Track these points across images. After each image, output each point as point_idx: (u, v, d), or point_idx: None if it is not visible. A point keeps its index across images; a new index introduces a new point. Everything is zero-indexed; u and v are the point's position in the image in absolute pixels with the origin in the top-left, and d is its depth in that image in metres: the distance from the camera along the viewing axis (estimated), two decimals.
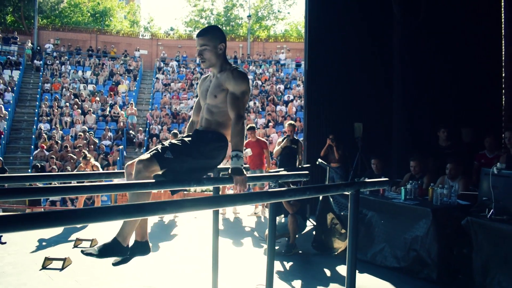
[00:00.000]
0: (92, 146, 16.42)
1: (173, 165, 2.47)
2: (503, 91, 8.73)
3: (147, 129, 18.99)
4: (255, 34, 33.48)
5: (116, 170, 10.78)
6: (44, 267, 4.63)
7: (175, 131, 9.29)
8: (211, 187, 3.76)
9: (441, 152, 6.73)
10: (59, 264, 4.64)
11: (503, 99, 8.73)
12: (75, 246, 5.57)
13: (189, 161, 2.54)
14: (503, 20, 8.53)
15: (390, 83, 7.77)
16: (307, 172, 3.04)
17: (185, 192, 10.05)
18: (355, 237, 2.05)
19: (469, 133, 7.95)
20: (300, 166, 7.11)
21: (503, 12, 8.51)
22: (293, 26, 37.94)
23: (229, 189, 8.53)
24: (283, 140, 7.37)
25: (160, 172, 2.46)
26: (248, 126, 8.48)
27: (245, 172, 2.51)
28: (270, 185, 2.72)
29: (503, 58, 8.68)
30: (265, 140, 8.27)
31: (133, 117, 19.65)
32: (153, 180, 2.37)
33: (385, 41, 7.79)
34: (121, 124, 18.76)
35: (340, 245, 5.23)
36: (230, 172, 2.50)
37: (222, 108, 2.70)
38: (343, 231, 5.24)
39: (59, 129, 17.96)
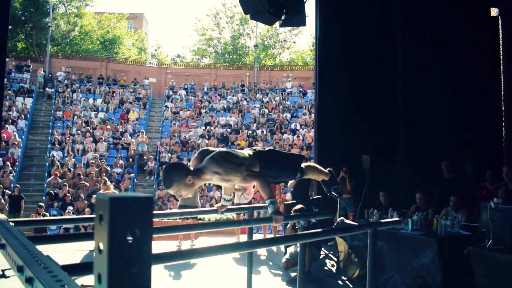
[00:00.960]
0: (104, 174, 16.85)
1: None
2: (503, 124, 9.19)
3: (157, 157, 19.43)
4: (261, 63, 34.26)
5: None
6: None
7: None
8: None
9: (446, 184, 7.12)
10: None
11: (503, 133, 9.17)
12: None
13: None
14: (501, 58, 9.05)
15: (394, 117, 8.22)
16: (329, 211, 3.56)
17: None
18: (374, 266, 2.43)
19: (472, 165, 8.36)
20: (311, 198, 7.48)
21: (501, 52, 9.04)
22: (299, 54, 38.75)
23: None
24: None
25: None
26: None
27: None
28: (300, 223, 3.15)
29: (502, 94, 9.17)
30: None
31: (144, 145, 20.14)
32: None
33: (392, 75, 8.27)
34: (132, 152, 19.24)
35: (353, 271, 5.57)
36: (270, 213, 2.95)
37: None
38: (356, 259, 5.59)
39: (71, 156, 18.43)
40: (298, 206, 5.95)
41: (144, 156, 19.68)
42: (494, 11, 9.20)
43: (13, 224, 1.85)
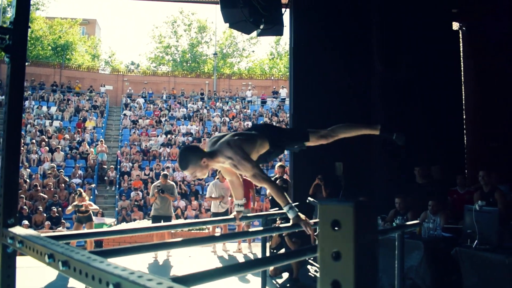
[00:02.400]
0: (62, 185, 16.28)
1: None
2: (465, 132, 9.71)
3: (117, 166, 18.99)
4: (220, 71, 34.29)
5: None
6: None
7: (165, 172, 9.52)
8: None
9: (419, 189, 7.42)
10: None
11: (465, 140, 9.69)
12: None
13: None
14: (462, 69, 9.58)
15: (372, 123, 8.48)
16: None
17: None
18: (402, 269, 2.55)
19: (438, 171, 8.76)
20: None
21: (462, 62, 9.57)
22: (257, 64, 39.08)
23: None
24: (275, 180, 7.84)
25: None
26: None
27: (303, 216, 3.00)
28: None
29: (463, 103, 9.69)
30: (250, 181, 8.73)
31: (103, 154, 19.66)
32: None
33: (364, 89, 8.55)
34: (91, 161, 18.71)
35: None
36: (292, 220, 2.96)
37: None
38: None
39: (26, 167, 17.68)
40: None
41: (104, 165, 19.17)
42: (455, 25, 9.71)
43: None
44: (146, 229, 3.29)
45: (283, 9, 7.70)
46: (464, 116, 9.74)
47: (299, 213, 2.98)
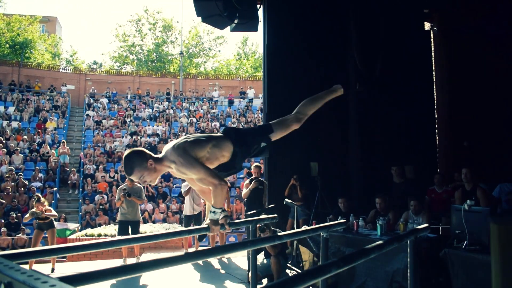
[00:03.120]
0: (22, 189, 15.47)
1: None
2: (437, 132, 9.73)
3: (81, 169, 18.25)
4: (186, 71, 33.73)
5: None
6: None
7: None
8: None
9: (396, 189, 7.32)
10: None
11: (437, 139, 9.71)
12: None
13: None
14: (433, 71, 9.61)
15: (346, 124, 8.34)
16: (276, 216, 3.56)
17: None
18: (416, 276, 2.33)
19: (411, 170, 8.72)
20: (267, 207, 7.31)
21: (433, 65, 9.61)
22: (224, 64, 38.70)
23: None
24: (250, 182, 7.56)
25: None
26: None
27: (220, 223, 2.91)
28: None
29: (435, 102, 9.72)
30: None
31: (65, 156, 18.82)
32: None
33: (340, 82, 8.37)
34: (53, 164, 17.89)
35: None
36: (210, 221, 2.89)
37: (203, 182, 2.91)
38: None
39: None
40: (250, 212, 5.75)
41: (67, 168, 18.38)
42: (427, 25, 9.73)
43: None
44: (114, 243, 2.94)
45: (258, 5, 7.46)
46: (436, 116, 9.77)
47: (223, 221, 2.91)
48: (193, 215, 8.07)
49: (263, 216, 3.80)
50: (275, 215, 3.73)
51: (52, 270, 7.49)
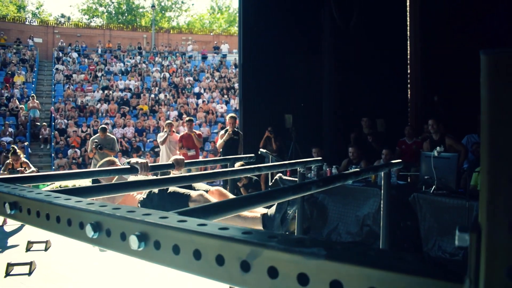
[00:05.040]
0: None
1: None
2: (409, 87, 9.89)
3: (52, 123, 17.89)
4: (159, 25, 32.84)
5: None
6: (8, 273, 4.35)
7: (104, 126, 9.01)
8: None
9: (366, 140, 7.50)
10: (25, 269, 4.41)
11: (409, 94, 9.89)
12: (28, 249, 5.28)
13: None
14: (408, 25, 9.64)
15: (321, 76, 8.39)
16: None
17: None
18: (388, 209, 2.45)
19: (383, 123, 8.93)
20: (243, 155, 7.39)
21: (408, 18, 9.63)
22: (197, 18, 37.78)
23: None
24: (225, 133, 7.59)
25: None
26: (168, 122, 8.65)
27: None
28: None
29: (408, 58, 9.83)
30: (200, 133, 8.49)
31: (35, 111, 18.37)
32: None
33: (315, 40, 8.37)
34: (23, 118, 17.47)
35: (294, 225, 5.63)
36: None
37: None
38: (295, 214, 5.65)
39: None
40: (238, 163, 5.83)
41: (37, 122, 18.00)
42: None
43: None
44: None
45: None
46: (409, 71, 9.90)
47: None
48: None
49: (241, 156, 3.89)
50: (253, 155, 3.82)
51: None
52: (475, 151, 6.13)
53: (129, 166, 2.50)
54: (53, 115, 18.42)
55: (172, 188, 2.84)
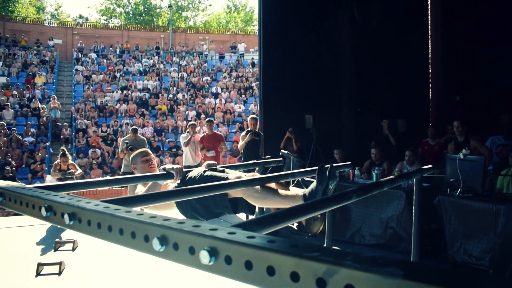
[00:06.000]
0: (14, 144, 15.43)
1: None
2: (430, 87, 9.81)
3: (72, 123, 18.17)
4: (176, 25, 33.06)
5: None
6: (38, 273, 4.46)
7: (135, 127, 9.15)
8: None
9: (388, 141, 7.47)
10: (55, 269, 4.50)
11: (430, 94, 9.80)
12: (56, 249, 5.40)
13: None
14: (429, 26, 9.56)
15: (340, 78, 8.38)
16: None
17: None
18: (419, 216, 2.47)
19: (404, 124, 8.86)
20: (263, 158, 7.44)
21: (429, 19, 9.55)
22: (214, 17, 37.92)
23: None
24: (246, 134, 7.64)
25: None
26: (191, 123, 8.72)
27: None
28: None
29: (429, 59, 9.74)
30: (221, 134, 8.54)
31: (56, 111, 18.67)
32: None
33: (336, 40, 8.36)
34: (44, 119, 17.77)
35: (317, 227, 5.66)
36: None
37: None
38: (319, 215, 5.67)
39: None
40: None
41: (58, 123, 18.29)
42: None
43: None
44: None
45: None
46: (430, 70, 9.81)
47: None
48: (193, 165, 8.19)
49: (270, 159, 3.91)
50: (281, 158, 3.85)
51: None
52: (500, 153, 6.06)
53: (164, 172, 2.55)
54: (73, 115, 18.70)
55: (209, 172, 2.82)
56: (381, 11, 7.95)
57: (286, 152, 7.16)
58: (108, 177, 2.29)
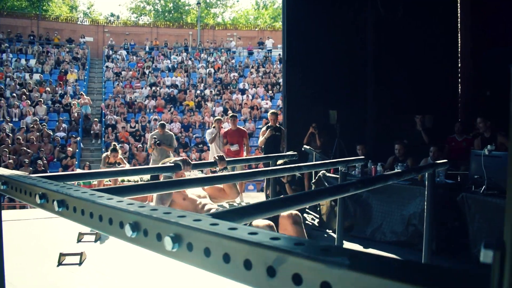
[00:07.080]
0: (46, 139, 15.88)
1: None
2: (459, 81, 9.54)
3: (102, 119, 18.55)
4: (204, 22, 33.26)
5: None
6: (60, 263, 4.58)
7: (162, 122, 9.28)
8: None
9: (414, 136, 7.31)
10: (76, 259, 4.61)
11: (459, 89, 9.53)
12: (79, 240, 5.53)
13: None
14: (459, 20, 9.29)
15: (364, 72, 8.24)
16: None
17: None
18: (432, 212, 2.39)
19: (431, 120, 8.65)
20: (284, 153, 7.40)
21: (459, 14, 9.28)
22: (242, 14, 37.97)
23: None
24: (267, 129, 7.62)
25: None
26: (217, 118, 8.74)
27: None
28: None
29: (459, 51, 9.47)
30: (244, 129, 8.55)
31: (87, 107, 19.11)
32: None
33: (360, 34, 8.23)
34: (75, 115, 18.21)
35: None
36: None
37: None
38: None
39: (8, 121, 17.14)
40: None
41: (89, 118, 18.71)
42: None
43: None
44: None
45: None
46: (460, 64, 9.55)
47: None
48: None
49: (283, 154, 3.92)
50: (295, 152, 3.82)
51: None
52: None
53: (172, 164, 2.57)
54: (103, 111, 19.09)
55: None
56: (406, 3, 7.77)
57: (308, 147, 7.12)
58: (114, 169, 2.31)
